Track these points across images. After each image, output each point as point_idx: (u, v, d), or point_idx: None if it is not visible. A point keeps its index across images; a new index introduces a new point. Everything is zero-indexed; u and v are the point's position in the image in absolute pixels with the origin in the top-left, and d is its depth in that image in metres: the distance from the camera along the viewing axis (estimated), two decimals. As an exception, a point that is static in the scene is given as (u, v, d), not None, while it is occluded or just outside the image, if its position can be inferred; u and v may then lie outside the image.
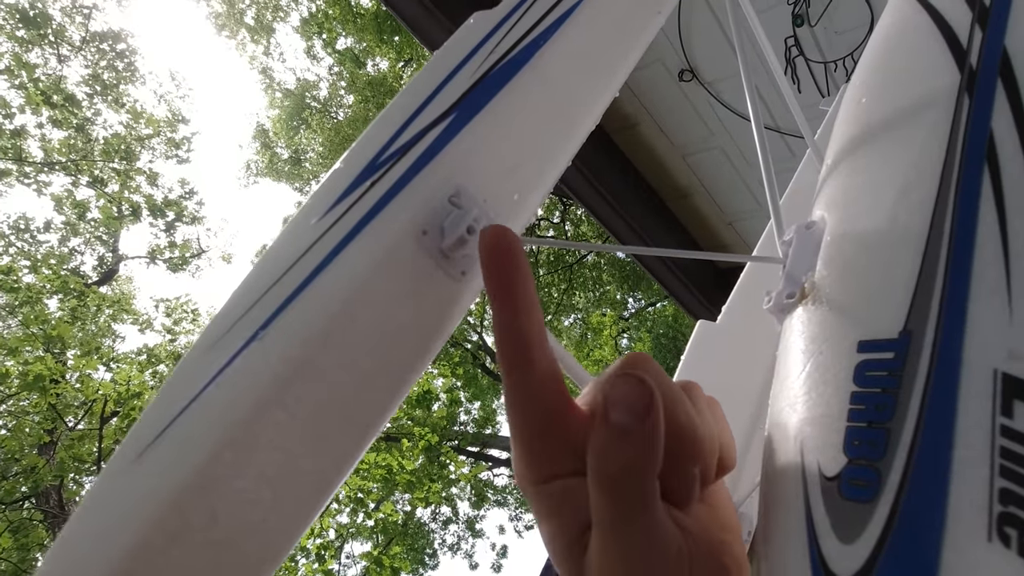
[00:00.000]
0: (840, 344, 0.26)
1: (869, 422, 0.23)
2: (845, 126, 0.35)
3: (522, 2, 0.36)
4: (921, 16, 0.33)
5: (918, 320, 0.24)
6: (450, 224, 0.29)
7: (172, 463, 0.23)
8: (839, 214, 0.31)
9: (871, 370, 0.24)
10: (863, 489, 0.22)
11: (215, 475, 0.23)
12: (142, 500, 0.22)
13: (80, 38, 7.37)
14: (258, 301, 0.26)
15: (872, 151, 0.31)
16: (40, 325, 6.28)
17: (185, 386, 0.25)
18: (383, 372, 0.27)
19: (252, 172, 10.48)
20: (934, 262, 0.25)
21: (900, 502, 0.21)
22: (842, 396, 0.25)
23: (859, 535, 0.22)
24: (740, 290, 0.58)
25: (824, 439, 0.24)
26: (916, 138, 0.29)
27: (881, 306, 0.25)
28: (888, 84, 0.33)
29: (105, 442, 6.03)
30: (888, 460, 0.22)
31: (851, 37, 1.96)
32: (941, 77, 0.29)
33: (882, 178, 0.29)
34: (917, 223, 0.26)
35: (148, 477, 0.23)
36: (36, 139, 7.23)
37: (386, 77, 8.38)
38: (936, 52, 0.31)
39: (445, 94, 0.32)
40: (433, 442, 7.12)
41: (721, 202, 2.83)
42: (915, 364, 0.23)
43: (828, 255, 0.30)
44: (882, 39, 0.36)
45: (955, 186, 0.26)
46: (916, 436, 0.22)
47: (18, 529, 5.84)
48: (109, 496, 0.24)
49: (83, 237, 8.19)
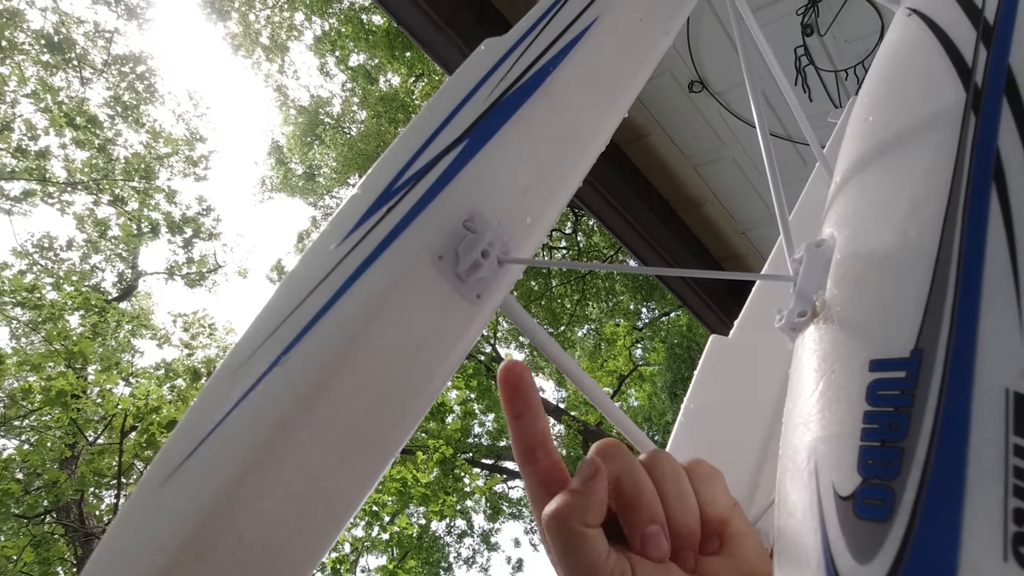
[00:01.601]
0: (852, 363, 0.26)
1: (883, 441, 0.24)
2: (853, 144, 0.35)
3: (532, 28, 0.37)
4: (926, 34, 0.34)
5: (929, 339, 0.24)
6: (465, 248, 0.29)
7: (199, 486, 0.24)
8: (848, 232, 0.31)
9: (883, 389, 0.25)
10: (878, 508, 0.22)
11: (240, 497, 0.24)
12: (170, 522, 0.23)
13: (102, 61, 7.58)
14: (280, 326, 0.27)
15: (880, 169, 0.31)
16: (62, 341, 6.40)
17: (210, 410, 0.26)
18: (402, 394, 0.28)
19: (267, 188, 10.65)
20: (944, 280, 0.25)
21: (915, 522, 0.21)
22: (855, 415, 0.25)
23: (875, 555, 0.22)
24: (751, 306, 0.58)
25: (838, 458, 0.25)
26: (923, 156, 0.29)
27: (892, 325, 0.26)
28: (894, 102, 0.34)
29: (124, 456, 6.10)
30: (902, 479, 0.22)
31: (862, 45, 1.95)
32: (947, 95, 0.30)
33: (890, 196, 0.30)
34: (926, 241, 0.26)
35: (176, 499, 0.24)
36: (60, 159, 7.43)
37: (398, 92, 8.50)
38: (941, 70, 0.31)
39: (458, 120, 0.33)
40: (447, 454, 7.10)
41: (733, 211, 2.82)
42: (927, 383, 0.23)
43: (838, 273, 0.30)
44: (888, 57, 0.36)
45: (963, 203, 0.26)
46: (930, 455, 0.22)
47: (40, 543, 5.91)
48: (139, 518, 0.25)
49: (104, 254, 8.37)
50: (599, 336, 9.30)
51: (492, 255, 0.30)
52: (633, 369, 9.41)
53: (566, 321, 8.56)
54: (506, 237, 0.32)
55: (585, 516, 0.28)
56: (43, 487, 5.99)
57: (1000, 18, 0.30)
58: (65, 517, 6.19)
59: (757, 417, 0.54)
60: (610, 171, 2.54)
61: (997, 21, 0.30)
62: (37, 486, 6.06)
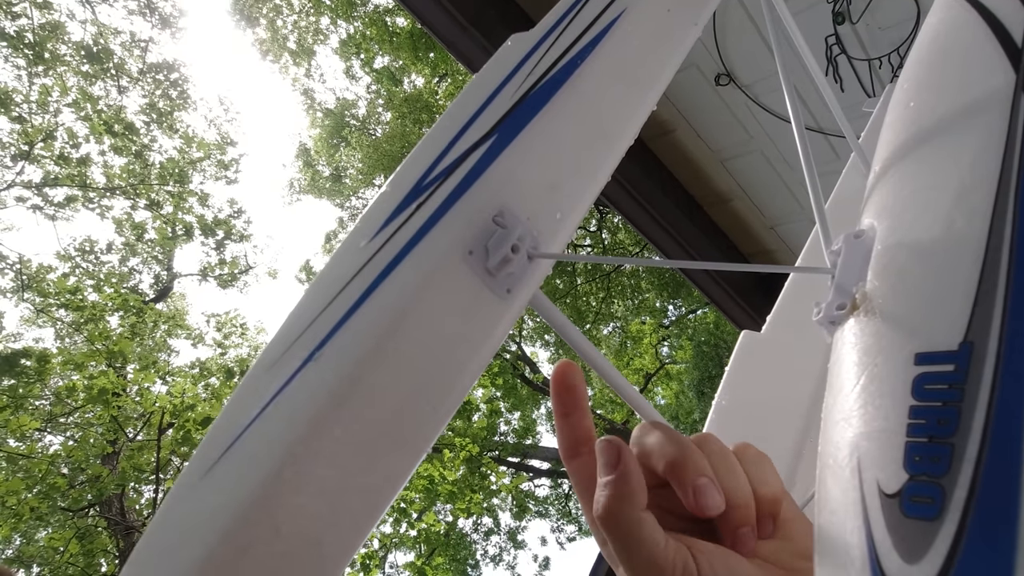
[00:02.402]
0: (896, 356, 0.25)
1: (930, 437, 0.23)
2: (893, 131, 0.34)
3: (559, 22, 0.37)
4: (971, 15, 0.32)
5: (980, 330, 0.23)
6: (495, 244, 0.29)
7: (236, 480, 0.24)
8: (890, 222, 0.30)
9: (930, 383, 0.24)
10: (927, 507, 0.22)
11: (277, 491, 0.24)
12: (211, 515, 0.24)
13: (138, 70, 7.84)
14: (313, 322, 0.27)
15: (924, 156, 0.30)
16: (103, 341, 6.65)
17: (247, 406, 0.26)
18: (433, 389, 0.28)
19: (295, 190, 10.86)
20: (995, 269, 0.24)
21: (968, 520, 0.20)
22: (900, 410, 0.24)
23: (924, 554, 0.21)
24: (785, 300, 0.57)
25: (883, 454, 0.24)
26: (971, 141, 0.28)
27: (939, 317, 0.25)
28: (938, 86, 0.32)
29: (162, 452, 6.30)
30: (952, 476, 0.21)
31: (895, 33, 1.89)
32: (995, 78, 0.28)
33: (935, 184, 0.29)
34: (975, 229, 0.25)
35: (216, 493, 0.24)
36: (99, 166, 7.71)
37: (422, 93, 8.57)
38: (989, 51, 0.30)
39: (486, 116, 0.33)
40: (474, 452, 7.14)
41: (762, 206, 2.76)
42: (978, 376, 0.22)
43: (880, 264, 0.29)
44: (930, 40, 0.35)
45: (1015, 190, 0.25)
46: (982, 451, 0.21)
47: (84, 535, 6.15)
48: (179, 512, 0.25)
49: (141, 257, 8.66)
50: (624, 334, 9.22)
51: (522, 250, 0.30)
52: (660, 367, 9.31)
53: (591, 319, 8.51)
54: (536, 232, 0.32)
55: (631, 498, 0.28)
56: (87, 482, 6.22)
57: (1053, -5, 0.29)
58: (107, 511, 6.43)
59: (792, 413, 0.52)
60: (635, 167, 2.52)
61: (1050, -2, 0.29)
62: (81, 480, 6.30)
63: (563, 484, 9.61)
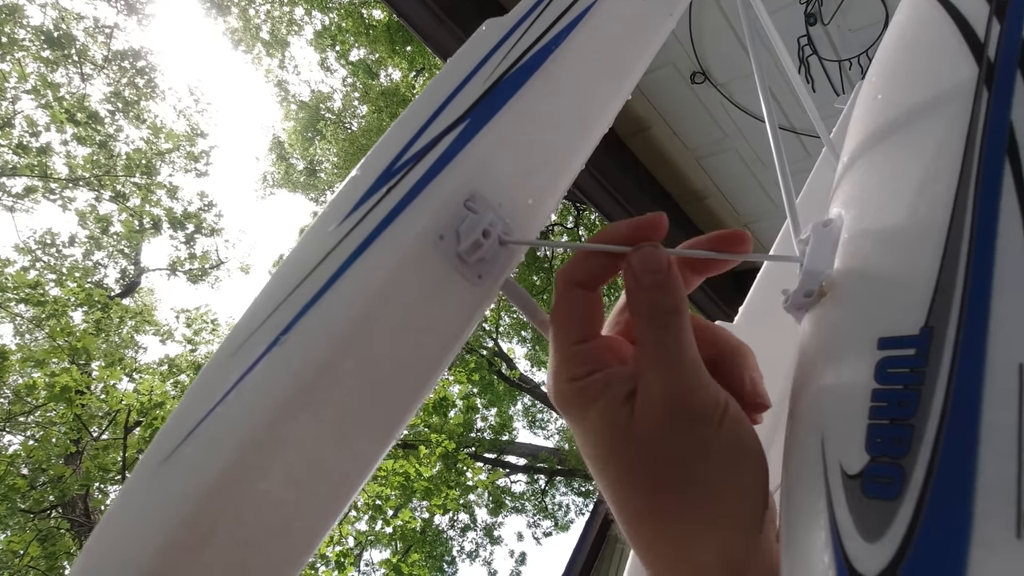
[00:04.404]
0: (860, 341, 0.26)
1: (892, 419, 0.23)
2: (861, 123, 0.34)
3: (533, 8, 0.36)
4: (936, 11, 0.33)
5: (940, 315, 0.24)
6: (466, 229, 0.29)
7: (198, 465, 0.24)
8: (857, 211, 0.30)
9: (892, 367, 0.24)
10: (887, 486, 0.22)
11: (240, 477, 0.23)
12: (170, 502, 0.23)
13: (103, 57, 7.57)
14: (279, 307, 0.27)
15: (889, 147, 0.31)
16: (66, 337, 6.43)
17: (209, 390, 0.25)
18: (403, 375, 0.28)
19: (268, 183, 10.65)
20: (955, 256, 0.25)
21: (925, 499, 0.21)
22: (863, 393, 0.24)
23: (884, 533, 0.21)
24: (757, 290, 0.58)
25: (846, 437, 0.24)
26: (934, 132, 0.29)
27: (901, 302, 0.25)
28: (904, 80, 0.33)
29: (129, 451, 6.13)
30: (912, 457, 0.22)
31: (865, 35, 1.93)
32: (959, 71, 0.29)
33: (900, 173, 0.29)
34: (937, 217, 0.26)
35: (175, 480, 0.23)
36: (61, 156, 7.44)
37: (399, 87, 8.48)
38: (953, 46, 0.30)
39: (459, 100, 0.32)
40: (450, 449, 7.12)
41: (736, 204, 2.81)
42: (938, 360, 0.23)
43: (846, 252, 0.29)
44: (897, 35, 0.36)
45: (975, 179, 0.26)
46: (940, 432, 0.22)
47: (46, 538, 5.95)
48: (138, 498, 0.24)
49: (106, 251, 8.39)
50: (601, 330, 9.27)
51: (493, 235, 0.30)
52: (635, 362, 9.38)
53: (568, 315, 8.53)
54: (508, 218, 0.31)
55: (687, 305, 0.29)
56: (48, 482, 6.03)
57: (1013, -9, 0.29)
58: (71, 512, 6.24)
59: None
60: (612, 164, 2.53)
61: (1010, -6, 0.29)
62: (42, 481, 6.10)
63: (539, 480, 9.66)
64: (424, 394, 0.28)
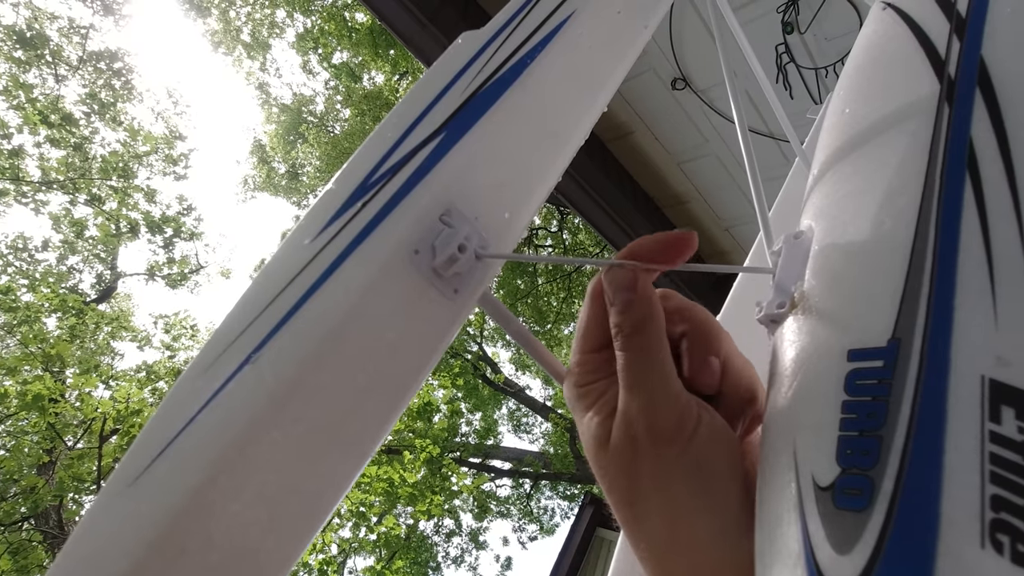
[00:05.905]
0: (830, 353, 0.26)
1: (861, 431, 0.24)
2: (830, 136, 0.35)
3: (510, 21, 0.37)
4: (900, 27, 0.34)
5: (906, 328, 0.24)
6: (441, 243, 0.29)
7: (167, 487, 0.23)
8: (826, 223, 0.31)
9: (861, 379, 0.25)
10: (857, 498, 0.22)
11: (210, 498, 0.23)
12: (137, 525, 0.22)
13: (77, 58, 7.42)
14: (251, 324, 0.26)
15: (857, 160, 0.32)
16: (39, 344, 6.27)
17: (179, 410, 0.25)
18: (378, 391, 0.27)
19: (249, 187, 10.52)
20: (920, 269, 0.25)
21: (894, 510, 0.21)
22: (833, 405, 0.25)
23: (854, 545, 0.22)
24: (733, 300, 0.59)
25: (817, 449, 0.24)
26: (899, 147, 0.29)
27: (869, 314, 0.26)
28: (870, 95, 0.34)
29: (105, 460, 5.99)
30: (881, 468, 0.22)
31: (841, 43, 1.97)
32: (921, 87, 0.30)
33: (866, 187, 0.30)
34: (902, 231, 0.26)
35: (143, 502, 0.23)
36: (34, 158, 7.26)
37: (382, 90, 8.43)
38: (916, 63, 0.31)
39: (435, 114, 0.32)
40: (435, 454, 7.08)
41: (717, 208, 2.84)
42: (904, 372, 0.23)
43: (816, 265, 0.30)
44: (863, 50, 0.37)
45: (938, 193, 0.26)
46: (907, 444, 0.22)
47: (17, 551, 5.78)
48: (105, 521, 0.24)
49: (81, 255, 8.20)
50: (585, 333, 9.30)
51: (469, 249, 0.29)
52: (619, 366, 9.42)
53: (553, 319, 8.58)
54: (484, 232, 0.31)
55: (661, 321, 0.30)
56: (20, 493, 5.86)
57: (972, 10, 0.30)
58: (44, 523, 6.07)
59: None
60: (595, 168, 2.55)
61: (969, 13, 0.30)
62: (14, 492, 5.93)
63: (524, 484, 9.65)
64: (399, 409, 0.28)
